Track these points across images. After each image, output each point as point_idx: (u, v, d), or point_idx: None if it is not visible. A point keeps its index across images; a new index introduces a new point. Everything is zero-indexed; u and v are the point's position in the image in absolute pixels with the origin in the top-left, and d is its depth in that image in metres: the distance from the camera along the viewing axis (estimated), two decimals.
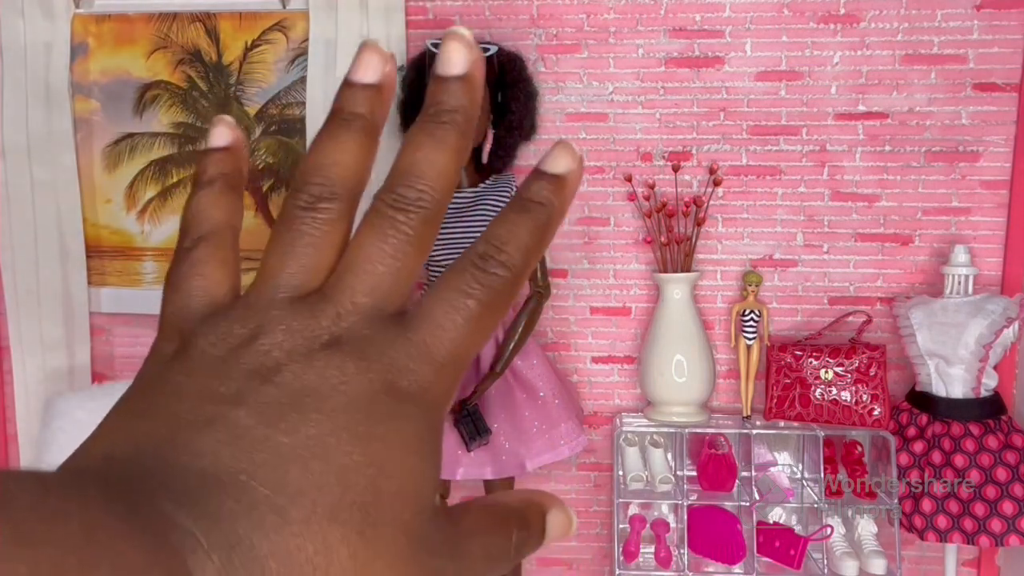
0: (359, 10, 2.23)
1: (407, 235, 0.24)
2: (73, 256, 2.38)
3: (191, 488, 0.19)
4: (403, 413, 0.22)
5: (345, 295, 0.24)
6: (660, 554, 2.19)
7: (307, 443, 0.20)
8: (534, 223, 0.25)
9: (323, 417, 0.21)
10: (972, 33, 2.17)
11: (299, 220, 0.25)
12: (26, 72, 2.31)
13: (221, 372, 0.22)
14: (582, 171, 0.26)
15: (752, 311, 2.20)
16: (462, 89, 0.25)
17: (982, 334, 2.01)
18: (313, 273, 0.24)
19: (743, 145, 2.26)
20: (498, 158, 2.07)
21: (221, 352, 0.23)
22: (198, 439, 0.20)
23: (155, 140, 2.40)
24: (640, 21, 2.25)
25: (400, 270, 0.24)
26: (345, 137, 0.25)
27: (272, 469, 0.20)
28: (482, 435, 1.98)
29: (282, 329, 0.23)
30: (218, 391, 0.22)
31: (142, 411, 0.22)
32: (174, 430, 0.21)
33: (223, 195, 0.27)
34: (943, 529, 2.02)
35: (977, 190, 2.22)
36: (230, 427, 0.20)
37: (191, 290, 0.25)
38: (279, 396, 0.21)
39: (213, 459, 0.20)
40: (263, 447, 0.20)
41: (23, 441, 2.41)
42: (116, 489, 0.18)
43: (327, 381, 0.22)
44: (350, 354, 0.22)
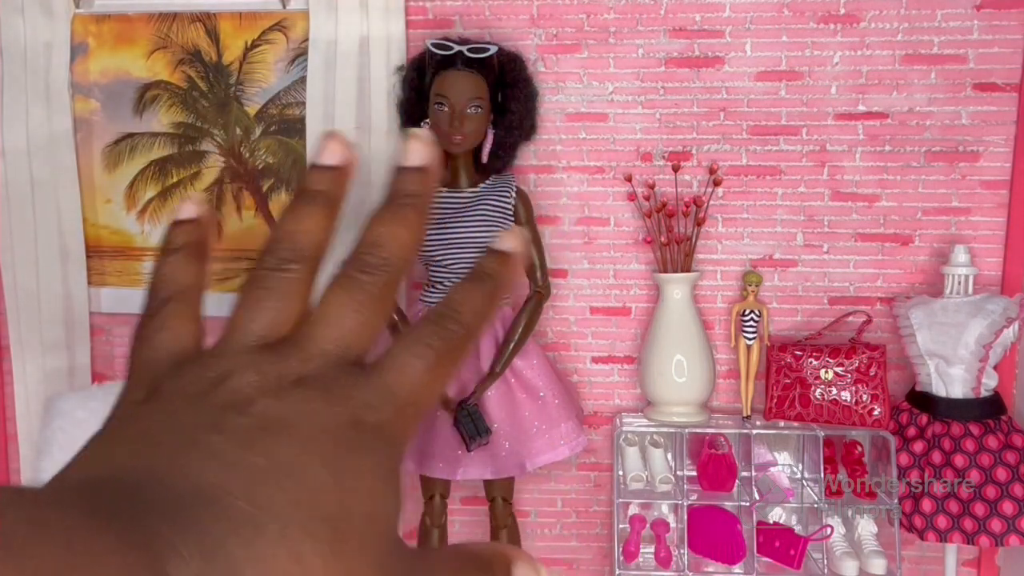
0: (359, 10, 2.23)
1: (371, 293, 0.27)
2: (73, 256, 2.38)
3: (172, 501, 0.20)
4: (368, 445, 0.24)
5: (313, 343, 0.26)
6: (660, 554, 2.19)
7: (280, 465, 0.22)
8: (484, 290, 0.28)
9: (294, 442, 0.23)
10: (972, 33, 2.17)
11: (268, 279, 0.27)
12: (26, 72, 2.31)
13: (196, 407, 0.24)
14: (527, 250, 0.31)
15: (752, 311, 2.20)
16: (420, 178, 0.29)
17: (982, 334, 2.01)
18: (280, 325, 0.26)
19: (743, 145, 2.26)
20: (498, 158, 2.07)
21: (193, 391, 0.24)
22: (179, 459, 0.22)
23: (155, 140, 2.40)
24: (640, 21, 2.25)
25: (364, 324, 0.26)
26: (309, 210, 0.28)
27: (248, 486, 0.21)
28: (482, 435, 1.98)
29: (252, 370, 0.25)
30: (195, 422, 0.23)
31: (120, 440, 0.23)
32: (154, 454, 0.22)
33: (189, 262, 0.29)
34: (943, 529, 2.02)
35: (977, 190, 2.22)
36: (209, 449, 0.22)
37: (159, 342, 0.27)
38: (252, 424, 0.23)
39: (197, 478, 0.21)
40: (240, 467, 0.22)
41: (23, 441, 2.41)
42: (98, 502, 0.20)
43: (297, 412, 0.23)
44: (318, 390, 0.24)
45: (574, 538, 2.43)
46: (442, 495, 2.15)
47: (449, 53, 1.95)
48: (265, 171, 2.39)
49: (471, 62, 1.95)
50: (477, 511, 2.39)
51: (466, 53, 1.95)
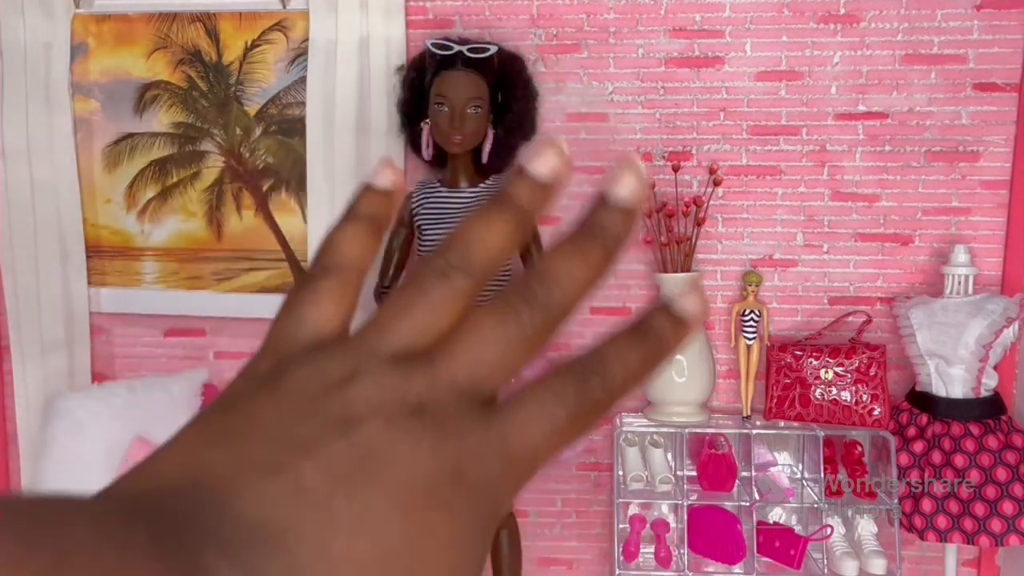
0: (359, 10, 2.23)
1: (524, 330, 0.24)
2: (73, 256, 2.38)
3: (238, 539, 0.19)
4: (460, 506, 0.22)
5: (445, 365, 0.24)
6: (660, 554, 2.19)
7: (361, 515, 0.20)
8: (647, 353, 0.25)
9: (383, 490, 0.21)
10: (972, 33, 2.17)
11: (428, 282, 0.25)
12: (26, 72, 2.31)
13: (304, 411, 0.22)
14: (707, 316, 0.27)
15: (752, 311, 2.20)
16: (625, 219, 0.26)
17: (982, 334, 2.01)
18: (422, 335, 0.24)
19: (743, 145, 2.26)
20: (498, 158, 2.06)
21: (310, 389, 0.23)
22: (259, 487, 0.20)
23: (155, 140, 2.40)
24: (640, 21, 2.25)
25: (505, 360, 0.24)
26: (500, 222, 0.26)
27: (320, 534, 0.20)
28: None
29: (375, 382, 0.23)
30: (294, 432, 0.22)
31: (216, 436, 0.22)
32: (239, 468, 0.21)
33: (365, 234, 0.28)
34: (943, 529, 2.02)
35: (977, 190, 2.22)
36: (294, 480, 0.20)
37: (303, 317, 0.26)
38: (350, 455, 0.21)
39: (268, 511, 0.20)
40: (318, 509, 0.20)
41: (23, 441, 2.41)
42: (163, 529, 0.19)
43: (399, 450, 0.22)
44: (429, 427, 0.22)
45: (574, 538, 2.43)
46: None
47: (449, 53, 1.95)
48: (265, 171, 2.39)
49: (471, 62, 1.95)
50: None
51: (466, 53, 1.95)
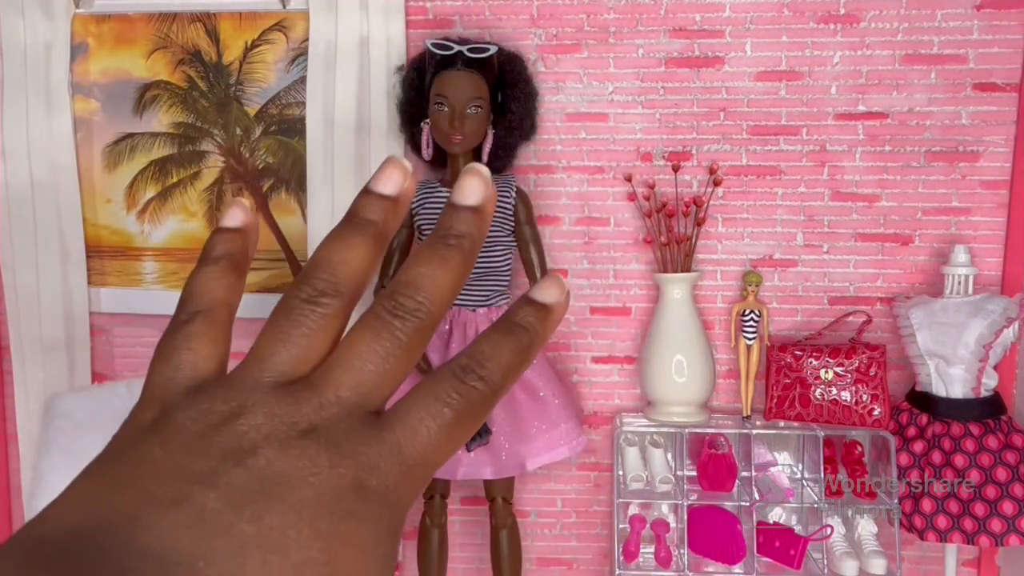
0: (359, 10, 2.23)
1: (399, 340, 0.25)
2: (73, 256, 2.38)
3: (145, 571, 0.19)
4: (366, 514, 0.22)
5: (331, 388, 0.24)
6: (660, 554, 2.19)
7: (269, 534, 0.21)
8: (517, 345, 0.26)
9: (288, 508, 0.21)
10: (972, 33, 2.17)
11: (298, 310, 0.26)
12: (26, 72, 2.31)
13: (196, 449, 0.22)
14: (568, 303, 0.28)
15: (752, 311, 2.20)
16: (473, 219, 0.27)
17: (982, 334, 2.01)
18: (302, 362, 0.25)
19: (743, 145, 2.26)
20: (498, 158, 2.07)
21: (199, 428, 0.23)
22: (162, 519, 0.21)
23: (155, 140, 2.40)
24: (640, 21, 2.25)
25: (387, 372, 0.25)
26: (355, 240, 0.27)
27: (230, 558, 0.20)
28: (482, 435, 1.98)
29: (264, 412, 0.23)
30: (191, 468, 0.22)
31: (112, 480, 0.22)
32: (140, 505, 0.21)
33: (226, 274, 0.28)
34: (943, 529, 2.02)
35: (977, 190, 2.22)
36: (195, 509, 0.21)
37: (179, 363, 0.26)
38: (249, 481, 0.22)
39: (173, 542, 0.20)
40: (225, 534, 0.20)
41: (23, 441, 2.41)
42: (67, 571, 0.19)
43: (298, 470, 0.22)
44: (324, 446, 0.23)
45: (574, 538, 2.43)
46: (442, 495, 2.15)
47: (449, 53, 1.95)
48: (265, 171, 2.39)
49: (471, 62, 1.95)
50: (477, 511, 2.39)
51: (466, 53, 1.95)
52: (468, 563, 2.45)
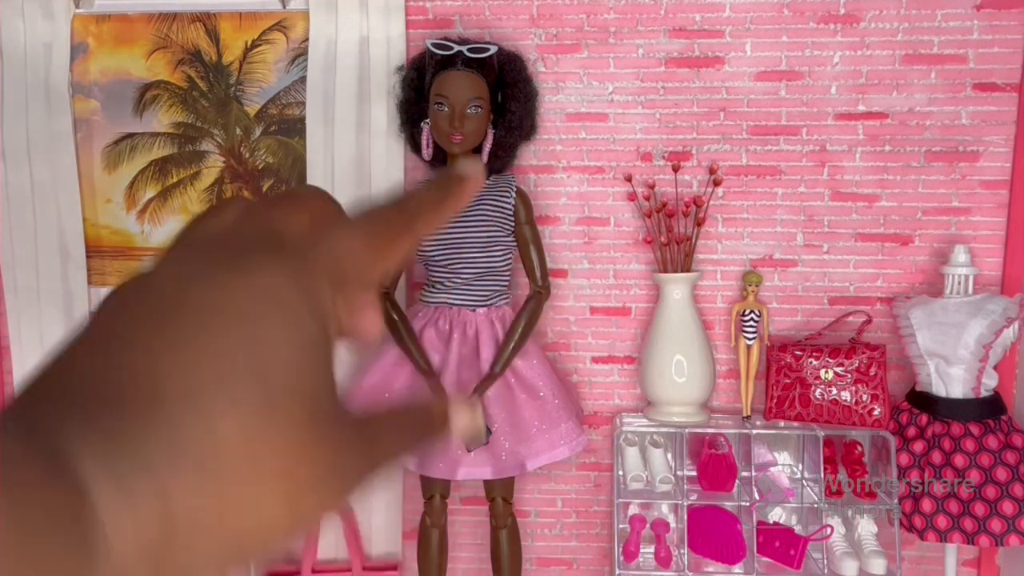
0: (359, 10, 2.23)
1: (390, 234, 0.28)
2: (73, 256, 2.38)
3: (89, 395, 0.20)
4: (296, 312, 0.24)
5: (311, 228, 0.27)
6: (660, 554, 2.19)
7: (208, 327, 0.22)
8: (436, 192, 0.30)
9: (227, 302, 0.23)
10: (972, 33, 2.17)
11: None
12: (26, 72, 2.31)
13: (192, 249, 0.25)
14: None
15: (752, 311, 2.20)
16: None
17: (982, 334, 2.01)
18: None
19: (743, 145, 2.26)
20: (498, 158, 2.07)
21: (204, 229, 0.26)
22: (127, 349, 0.22)
23: (155, 140, 2.40)
24: (640, 21, 2.25)
25: (368, 247, 0.27)
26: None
27: (177, 367, 0.21)
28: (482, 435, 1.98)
29: (247, 206, 0.27)
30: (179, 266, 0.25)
31: (91, 338, 0.23)
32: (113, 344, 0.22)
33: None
34: (943, 529, 2.02)
35: (977, 190, 2.22)
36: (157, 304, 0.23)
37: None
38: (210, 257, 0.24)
39: (130, 369, 0.21)
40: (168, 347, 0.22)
41: None
42: (19, 418, 0.20)
43: (246, 259, 0.24)
44: (273, 248, 0.25)
45: (574, 538, 2.43)
46: (442, 495, 2.15)
47: (449, 53, 1.95)
48: (265, 171, 2.39)
49: (471, 62, 1.95)
50: (477, 511, 2.39)
51: (466, 53, 1.95)
52: (468, 563, 2.45)
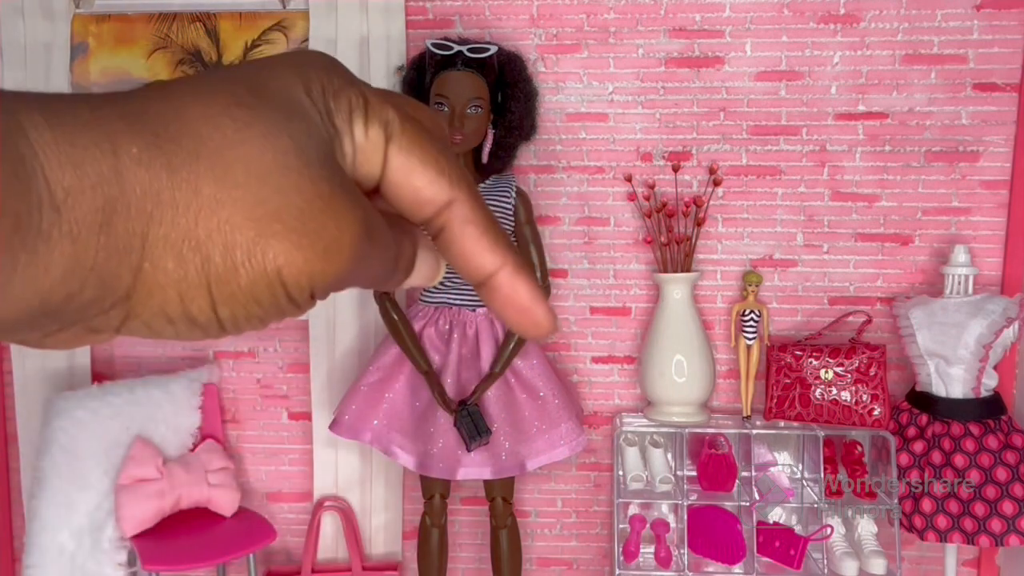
0: (359, 10, 2.23)
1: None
2: None
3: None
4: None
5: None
6: (660, 554, 2.19)
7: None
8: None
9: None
10: (972, 33, 2.17)
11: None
12: (26, 72, 2.31)
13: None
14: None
15: (752, 311, 2.20)
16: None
17: (982, 334, 2.01)
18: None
19: (743, 145, 2.26)
20: (498, 158, 2.06)
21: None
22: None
23: None
24: (640, 21, 2.25)
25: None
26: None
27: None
28: (482, 435, 1.98)
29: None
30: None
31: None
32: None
33: None
34: (943, 529, 2.02)
35: (977, 190, 2.22)
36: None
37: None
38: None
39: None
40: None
41: (23, 441, 2.41)
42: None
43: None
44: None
45: (574, 538, 2.43)
46: (442, 495, 2.15)
47: (449, 53, 1.95)
48: None
49: (471, 62, 1.95)
50: (477, 511, 2.39)
51: (466, 53, 1.95)
52: (468, 563, 2.45)
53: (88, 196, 0.19)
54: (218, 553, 2.06)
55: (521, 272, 0.27)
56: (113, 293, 0.21)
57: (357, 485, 2.38)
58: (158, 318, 0.22)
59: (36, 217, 0.19)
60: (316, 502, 2.38)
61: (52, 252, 0.19)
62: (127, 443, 2.14)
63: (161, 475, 2.12)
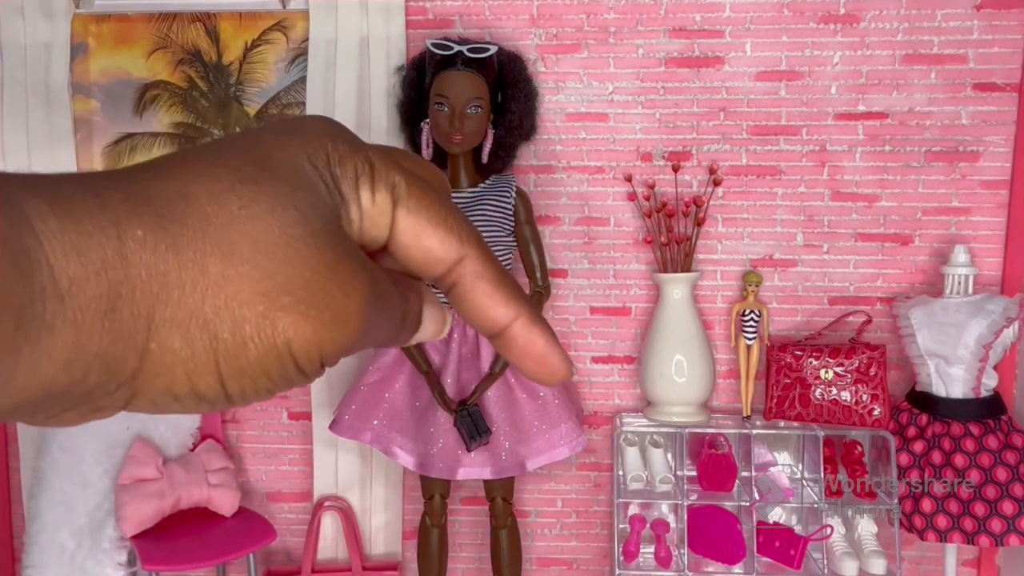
0: (359, 10, 2.23)
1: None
2: None
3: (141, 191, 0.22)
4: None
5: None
6: (660, 554, 2.19)
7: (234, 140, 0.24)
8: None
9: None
10: (972, 33, 2.17)
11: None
12: (26, 72, 2.31)
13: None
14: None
15: (752, 311, 2.19)
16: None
17: (982, 334, 2.01)
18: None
19: (743, 145, 2.26)
20: (498, 158, 2.07)
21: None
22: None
23: (155, 140, 2.40)
24: (640, 21, 2.25)
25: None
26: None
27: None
28: (482, 435, 1.98)
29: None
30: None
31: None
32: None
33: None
34: (943, 529, 2.02)
35: (977, 190, 2.22)
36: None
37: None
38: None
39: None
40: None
41: (23, 441, 2.41)
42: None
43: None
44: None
45: (574, 538, 2.43)
46: (442, 495, 2.15)
47: (449, 53, 1.95)
48: None
49: (471, 62, 1.95)
50: (477, 511, 2.39)
51: (466, 53, 1.95)
52: (468, 563, 2.45)
53: (92, 282, 0.19)
54: (218, 553, 2.06)
55: (536, 322, 0.27)
56: (118, 376, 0.21)
57: (357, 485, 2.38)
58: (164, 396, 0.22)
59: (40, 308, 0.18)
60: (316, 502, 2.38)
61: (56, 341, 0.19)
62: (127, 443, 2.14)
63: (161, 475, 2.12)
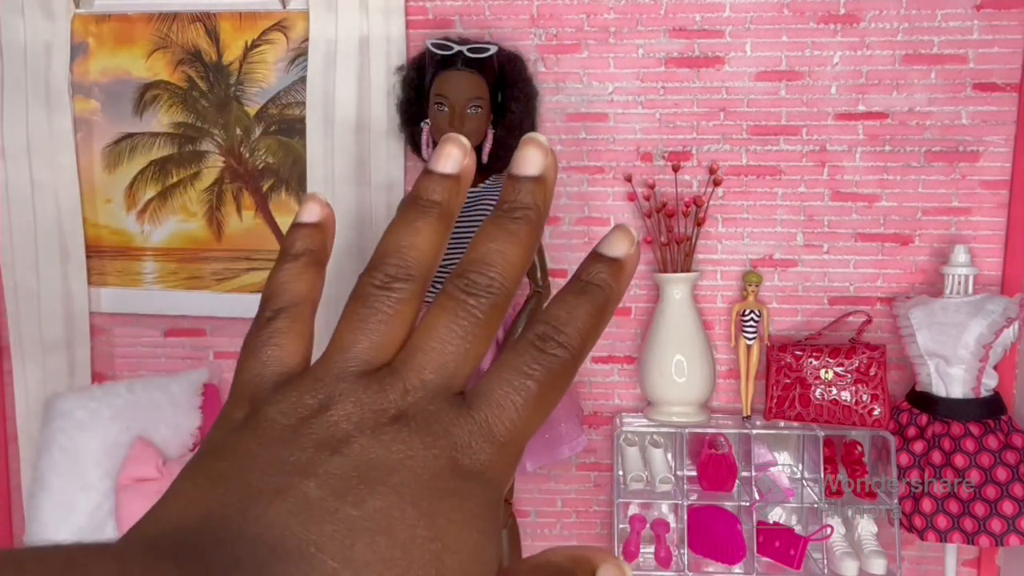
0: (359, 10, 2.23)
1: (476, 318, 0.25)
2: (73, 256, 2.38)
3: (260, 560, 0.19)
4: (465, 490, 0.22)
5: (414, 372, 0.24)
6: (660, 554, 2.19)
7: (374, 516, 0.21)
8: (592, 305, 0.26)
9: (389, 490, 0.21)
10: (972, 33, 2.17)
11: (373, 297, 0.26)
12: (26, 72, 2.31)
13: (291, 441, 0.23)
14: (639, 254, 0.28)
15: (752, 311, 2.20)
16: (536, 189, 0.27)
17: (982, 334, 2.01)
18: (383, 349, 0.25)
19: (743, 145, 2.26)
20: (498, 159, 2.06)
21: (291, 422, 0.23)
22: (268, 510, 0.21)
23: (155, 140, 2.40)
24: (640, 21, 2.25)
25: (468, 351, 0.25)
26: (422, 223, 0.27)
27: (339, 541, 0.20)
28: None
29: (352, 401, 0.23)
30: (288, 460, 0.22)
31: (213, 477, 0.22)
32: (244, 499, 0.21)
33: (307, 269, 0.28)
34: (943, 529, 2.02)
35: (977, 190, 2.22)
36: (299, 498, 0.21)
37: (266, 359, 0.26)
38: (347, 468, 0.22)
39: (282, 530, 0.20)
40: (331, 519, 0.20)
41: (23, 441, 2.41)
42: (189, 562, 0.19)
43: (393, 455, 0.22)
44: (416, 430, 0.23)
45: (574, 538, 2.43)
46: None
47: (449, 53, 1.95)
48: (265, 171, 2.39)
49: (471, 62, 1.95)
50: None
51: (466, 53, 1.95)
52: None
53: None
54: None
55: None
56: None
57: None
58: None
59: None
60: None
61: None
62: (127, 443, 2.14)
63: (161, 475, 2.12)
